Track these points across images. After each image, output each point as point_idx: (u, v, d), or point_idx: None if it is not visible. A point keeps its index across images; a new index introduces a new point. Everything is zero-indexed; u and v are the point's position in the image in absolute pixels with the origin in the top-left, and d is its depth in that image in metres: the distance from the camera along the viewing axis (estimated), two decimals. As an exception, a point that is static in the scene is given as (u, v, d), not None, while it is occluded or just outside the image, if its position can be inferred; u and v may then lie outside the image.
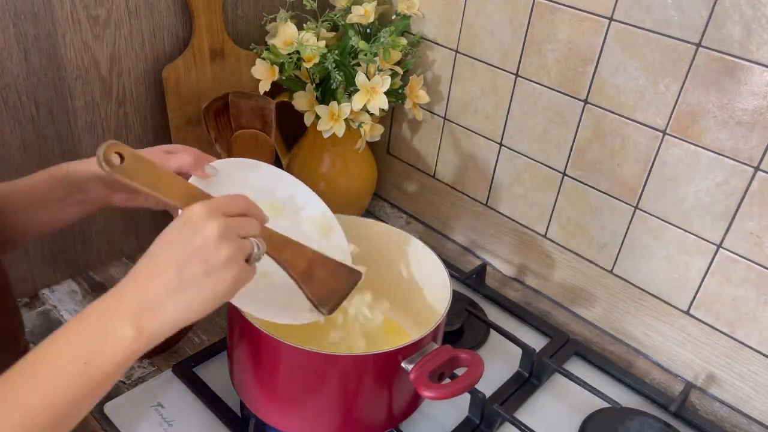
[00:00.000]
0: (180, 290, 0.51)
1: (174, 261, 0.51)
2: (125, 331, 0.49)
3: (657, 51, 0.82)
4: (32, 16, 0.80)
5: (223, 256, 0.52)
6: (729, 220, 0.83)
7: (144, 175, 0.55)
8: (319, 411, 0.70)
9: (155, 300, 0.50)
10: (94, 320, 0.49)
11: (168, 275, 0.50)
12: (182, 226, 0.53)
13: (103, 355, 0.48)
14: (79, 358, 0.47)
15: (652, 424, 0.81)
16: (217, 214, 0.53)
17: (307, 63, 0.97)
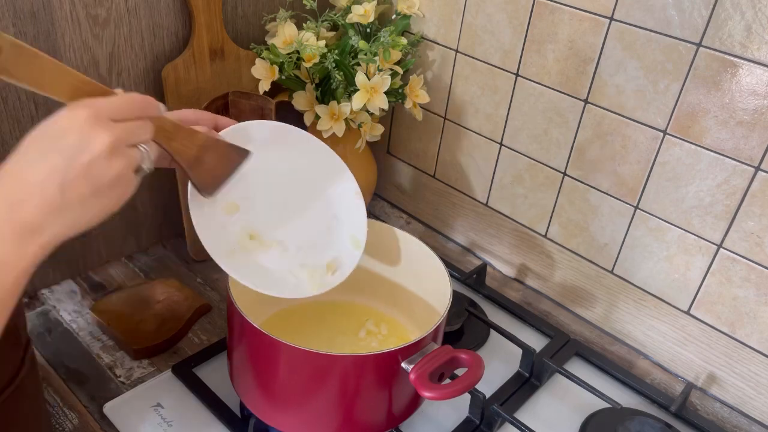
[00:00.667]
0: (63, 209, 0.46)
1: (57, 178, 0.45)
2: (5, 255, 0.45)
3: (657, 51, 0.82)
4: (31, 15, 0.80)
5: (113, 174, 0.48)
6: (729, 220, 0.83)
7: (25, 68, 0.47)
8: (319, 411, 0.70)
9: (35, 221, 0.46)
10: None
11: (49, 192, 0.45)
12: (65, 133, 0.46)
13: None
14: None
15: (652, 425, 0.81)
16: (107, 120, 0.48)
17: (306, 63, 0.96)
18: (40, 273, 0.94)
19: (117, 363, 0.86)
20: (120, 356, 0.87)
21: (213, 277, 1.02)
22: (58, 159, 0.46)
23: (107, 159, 0.47)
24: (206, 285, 1.01)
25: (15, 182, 0.46)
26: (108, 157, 0.47)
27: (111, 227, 1.00)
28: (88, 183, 0.47)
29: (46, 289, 0.96)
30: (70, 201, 0.46)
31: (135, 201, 1.01)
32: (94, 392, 0.81)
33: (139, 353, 0.86)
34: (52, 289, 0.97)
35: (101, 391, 0.82)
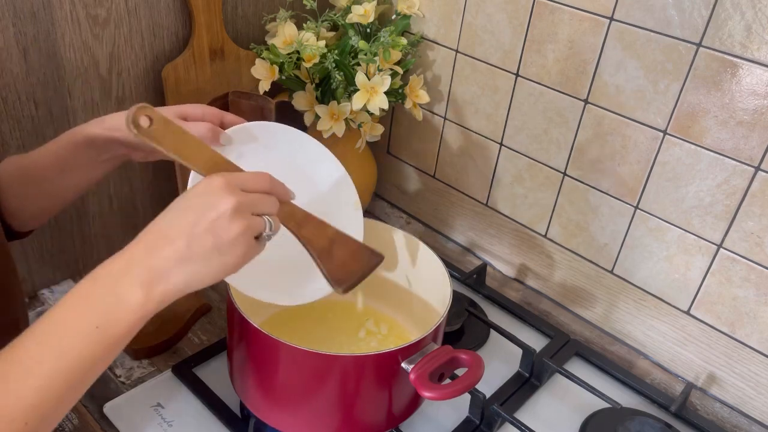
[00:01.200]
0: (188, 260, 0.51)
1: (186, 231, 0.51)
2: (135, 295, 0.49)
3: (657, 51, 0.82)
4: (31, 15, 0.80)
5: (234, 233, 0.52)
6: (729, 220, 0.83)
7: (171, 140, 0.54)
8: (319, 411, 0.70)
9: (164, 267, 0.50)
10: (105, 284, 0.50)
11: (179, 244, 0.51)
12: (200, 195, 0.53)
13: (115, 318, 0.48)
14: (91, 321, 0.48)
15: (652, 425, 0.81)
16: (236, 188, 0.54)
17: (307, 63, 0.96)
18: (40, 273, 0.95)
19: (117, 363, 0.86)
20: (120, 356, 0.87)
21: (213, 277, 1.02)
22: (190, 215, 0.52)
23: (230, 219, 0.52)
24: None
25: (154, 234, 0.52)
26: (231, 218, 0.52)
27: (110, 228, 1.00)
28: (212, 238, 0.52)
29: (46, 289, 0.96)
30: (195, 253, 0.51)
31: (135, 201, 1.01)
32: (94, 392, 0.81)
33: (139, 353, 0.86)
34: (52, 289, 0.97)
35: (101, 391, 0.82)
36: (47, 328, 0.47)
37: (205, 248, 0.51)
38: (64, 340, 0.47)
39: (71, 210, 0.94)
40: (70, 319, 0.48)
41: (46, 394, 0.45)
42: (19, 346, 0.46)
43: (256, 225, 0.55)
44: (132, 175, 0.99)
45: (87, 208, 0.96)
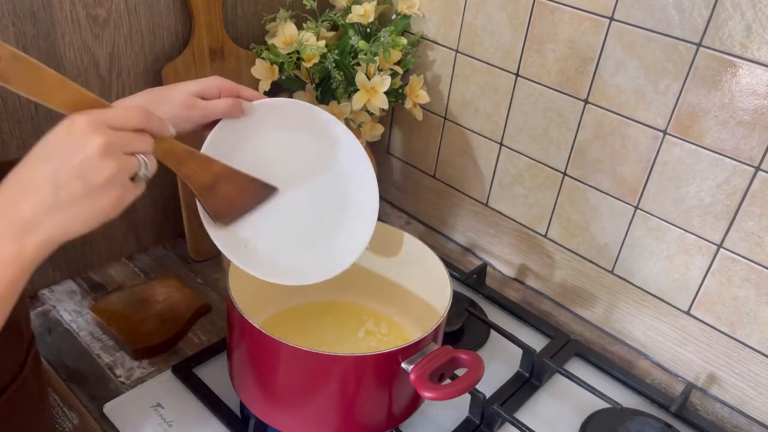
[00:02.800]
0: (57, 209, 0.48)
1: (50, 177, 0.47)
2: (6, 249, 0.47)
3: (657, 51, 0.82)
4: (31, 15, 0.80)
5: (105, 176, 0.49)
6: (729, 220, 0.83)
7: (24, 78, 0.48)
8: (319, 411, 0.70)
9: (31, 218, 0.47)
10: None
11: (43, 192, 0.47)
12: (63, 136, 0.49)
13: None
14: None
15: (652, 425, 0.81)
16: (103, 127, 0.50)
17: (307, 63, 0.96)
18: (40, 273, 0.94)
19: (117, 363, 0.86)
20: (120, 356, 0.87)
21: (213, 277, 1.02)
22: (53, 161, 0.48)
23: (99, 160, 0.48)
24: (206, 285, 1.01)
25: (15, 184, 0.48)
26: (100, 159, 0.48)
27: (111, 227, 1.00)
28: (80, 183, 0.48)
29: (46, 289, 0.96)
30: (63, 200, 0.48)
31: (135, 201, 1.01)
32: (94, 392, 0.81)
33: (139, 353, 0.86)
34: (52, 289, 0.97)
35: (101, 391, 0.82)
36: None
37: (74, 194, 0.48)
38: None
39: (71, 210, 0.94)
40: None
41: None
42: None
43: (130, 165, 0.51)
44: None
45: (87, 208, 0.96)
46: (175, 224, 1.06)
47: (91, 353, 0.87)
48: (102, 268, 1.02)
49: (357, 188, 0.75)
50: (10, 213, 0.47)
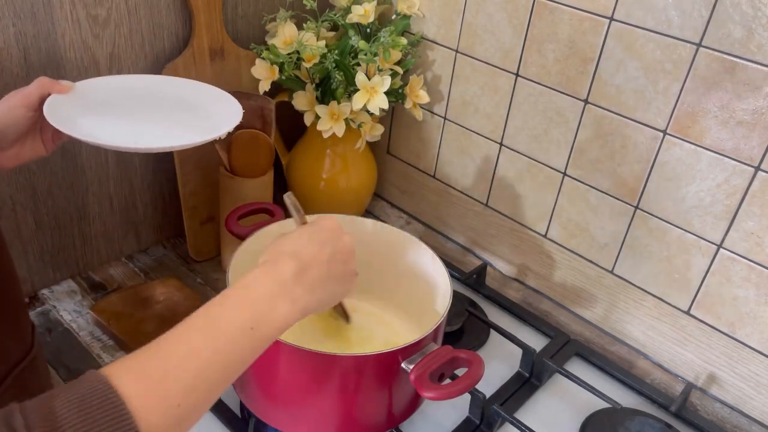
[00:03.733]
0: (326, 281, 0.59)
1: (326, 257, 0.60)
2: (285, 306, 0.55)
3: (657, 51, 0.82)
4: (32, 15, 0.80)
5: (353, 264, 0.63)
6: (729, 220, 0.83)
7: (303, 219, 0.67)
8: (319, 411, 0.70)
9: (310, 285, 0.58)
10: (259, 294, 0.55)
11: (322, 267, 0.59)
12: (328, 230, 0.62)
13: (266, 323, 0.54)
14: (247, 322, 0.53)
15: (652, 425, 0.81)
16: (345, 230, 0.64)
17: (307, 63, 0.96)
18: (40, 273, 0.95)
19: (117, 363, 0.86)
20: (120, 356, 0.86)
21: (213, 277, 1.02)
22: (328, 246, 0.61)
23: (351, 252, 0.63)
24: (206, 285, 1.01)
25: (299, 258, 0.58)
26: (352, 252, 0.63)
27: (111, 227, 1.00)
28: (343, 267, 0.62)
29: (46, 289, 0.96)
30: (331, 275, 0.60)
31: (135, 201, 1.01)
32: (94, 392, 0.81)
33: (139, 353, 0.86)
34: (52, 289, 0.97)
35: (101, 391, 0.81)
36: (205, 321, 0.52)
37: (337, 274, 0.61)
38: (222, 334, 0.51)
39: (71, 210, 0.94)
40: (227, 318, 0.53)
41: (202, 380, 0.48)
42: (179, 335, 0.50)
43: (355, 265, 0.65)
44: (132, 175, 0.99)
45: (87, 208, 0.96)
46: (175, 224, 1.06)
47: (91, 353, 0.87)
48: (102, 268, 1.02)
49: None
50: (298, 279, 0.57)
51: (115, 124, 0.74)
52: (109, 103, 0.78)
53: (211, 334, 0.51)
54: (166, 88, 0.83)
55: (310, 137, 1.07)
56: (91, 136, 0.68)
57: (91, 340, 0.89)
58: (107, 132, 0.71)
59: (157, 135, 0.73)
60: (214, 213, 1.03)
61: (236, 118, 0.77)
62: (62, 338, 0.89)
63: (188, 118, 0.79)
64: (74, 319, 0.92)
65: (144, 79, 0.85)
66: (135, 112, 0.78)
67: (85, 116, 0.73)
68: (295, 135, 1.11)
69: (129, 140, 0.70)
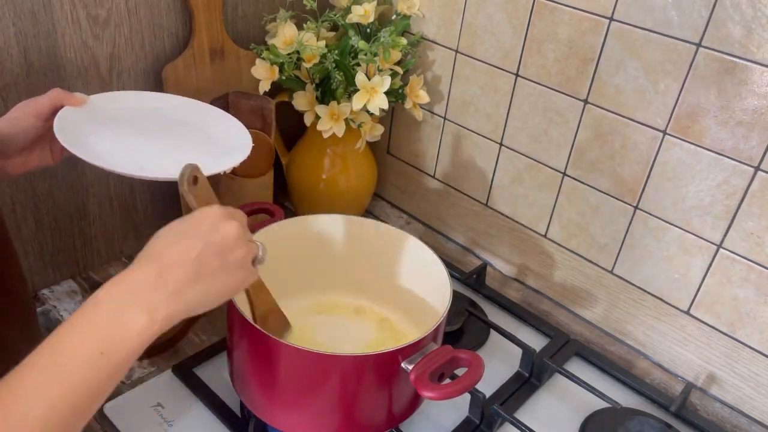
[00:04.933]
0: (196, 281, 0.53)
1: (193, 252, 0.53)
2: (140, 319, 0.50)
3: (657, 51, 0.82)
4: (32, 15, 0.80)
5: (238, 255, 0.56)
6: (729, 220, 0.83)
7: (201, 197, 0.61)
8: (319, 411, 0.70)
9: (172, 289, 0.52)
10: (109, 309, 0.50)
11: (187, 266, 0.53)
12: (202, 221, 0.56)
13: (119, 344, 0.49)
14: (95, 348, 0.48)
15: (652, 425, 0.81)
16: (232, 216, 0.57)
17: (307, 63, 0.96)
18: (40, 273, 0.95)
19: (117, 363, 0.86)
20: (120, 356, 0.87)
21: (213, 277, 1.02)
22: (194, 239, 0.54)
23: (234, 242, 0.56)
24: (206, 285, 1.01)
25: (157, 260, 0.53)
26: (235, 241, 0.56)
27: (110, 228, 1.00)
28: (219, 260, 0.54)
29: (46, 289, 0.96)
30: (204, 274, 0.53)
31: (135, 201, 1.01)
32: (95, 392, 0.81)
33: (139, 353, 0.86)
34: (52, 289, 0.97)
35: (101, 391, 0.82)
36: (49, 356, 0.47)
37: (213, 270, 0.54)
38: (67, 368, 0.47)
39: (71, 210, 0.94)
40: (73, 347, 0.48)
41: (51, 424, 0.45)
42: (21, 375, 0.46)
43: (253, 248, 0.58)
44: (132, 175, 0.99)
45: (87, 208, 0.96)
46: (175, 224, 1.06)
47: (92, 353, 0.87)
48: (102, 268, 1.02)
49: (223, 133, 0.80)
50: (155, 284, 0.51)
51: (123, 145, 0.73)
52: (121, 121, 0.77)
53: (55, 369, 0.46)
54: (180, 110, 0.82)
55: (310, 137, 1.08)
56: (97, 158, 0.67)
57: (91, 340, 0.89)
58: (114, 154, 0.70)
59: (162, 163, 0.71)
60: (214, 213, 1.03)
61: (243, 153, 0.75)
62: (62, 338, 0.89)
63: (196, 145, 0.77)
64: (74, 319, 0.92)
65: (159, 99, 0.84)
66: (145, 134, 0.76)
67: (94, 134, 0.72)
68: (295, 135, 1.11)
69: (135, 166, 0.69)
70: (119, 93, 0.85)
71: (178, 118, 0.81)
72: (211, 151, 0.76)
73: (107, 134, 0.74)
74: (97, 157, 0.67)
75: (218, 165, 0.72)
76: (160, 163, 0.71)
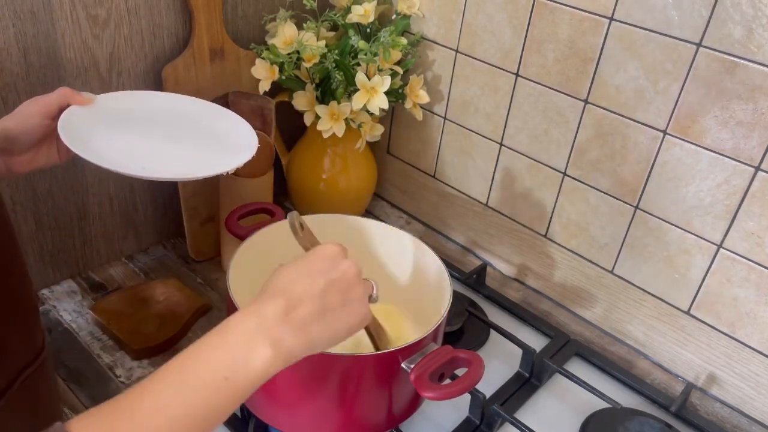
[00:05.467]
0: (321, 318, 0.54)
1: (318, 289, 0.54)
2: (266, 352, 0.51)
3: (657, 51, 0.82)
4: (31, 15, 0.80)
5: (358, 292, 0.57)
6: (729, 220, 0.83)
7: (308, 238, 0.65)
8: (319, 411, 0.70)
9: (298, 324, 0.52)
10: (237, 338, 0.51)
11: (313, 302, 0.53)
12: (322, 259, 0.57)
13: (244, 372, 0.50)
14: (220, 373, 0.49)
15: (652, 425, 0.81)
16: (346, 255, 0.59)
17: (307, 63, 0.96)
18: (40, 273, 0.95)
19: (117, 363, 0.86)
20: (120, 356, 0.87)
21: (213, 277, 1.02)
22: (317, 277, 0.55)
23: (354, 279, 0.57)
24: (206, 285, 1.01)
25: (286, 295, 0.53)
26: (354, 278, 0.57)
27: (111, 227, 1.00)
28: (341, 296, 0.55)
29: (46, 289, 0.96)
30: (327, 310, 0.54)
31: (135, 201, 1.01)
32: (94, 392, 0.81)
33: (139, 353, 0.86)
34: (52, 289, 0.97)
35: (101, 391, 0.82)
36: (177, 374, 0.48)
37: (334, 306, 0.55)
38: (192, 388, 0.48)
39: (71, 210, 0.94)
40: (199, 368, 0.49)
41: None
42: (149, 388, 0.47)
43: (368, 286, 0.59)
44: (132, 175, 0.99)
45: (87, 208, 0.96)
46: (175, 224, 1.06)
47: (91, 353, 0.87)
48: (102, 268, 1.02)
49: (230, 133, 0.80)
50: (283, 319, 0.52)
51: (127, 145, 0.73)
52: (127, 120, 0.77)
53: (181, 387, 0.48)
54: (185, 109, 0.82)
55: (310, 137, 1.07)
56: (100, 159, 0.67)
57: (91, 340, 0.89)
58: (118, 154, 0.70)
59: (165, 163, 0.72)
60: (214, 213, 1.03)
61: (249, 153, 0.75)
62: (62, 338, 0.89)
63: (202, 145, 0.77)
64: (74, 319, 0.92)
65: (165, 98, 0.83)
66: (149, 134, 0.76)
67: (98, 134, 0.72)
68: (295, 135, 1.11)
69: (137, 167, 0.69)
70: (126, 93, 0.85)
71: (184, 117, 0.81)
72: (216, 151, 0.76)
73: (112, 134, 0.73)
74: (100, 157, 0.67)
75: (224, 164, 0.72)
76: (164, 163, 0.71)
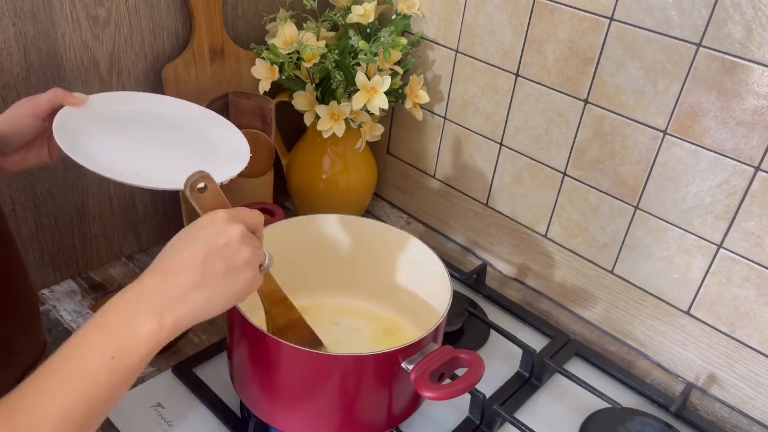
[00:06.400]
0: (202, 286, 0.53)
1: (198, 258, 0.53)
2: (148, 324, 0.50)
3: (657, 51, 0.82)
4: (31, 15, 0.80)
5: (243, 258, 0.55)
6: (729, 220, 0.83)
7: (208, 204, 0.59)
8: (319, 411, 0.70)
9: (178, 294, 0.52)
10: (118, 315, 0.51)
11: (192, 271, 0.53)
12: (206, 226, 0.56)
13: (129, 348, 0.50)
14: (106, 353, 0.48)
15: (652, 425, 0.81)
16: (239, 219, 0.57)
17: (307, 63, 0.96)
18: (40, 273, 0.95)
19: (117, 363, 0.86)
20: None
21: (213, 277, 1.02)
22: (199, 244, 0.54)
23: (239, 244, 0.55)
24: (206, 285, 1.01)
25: (165, 266, 0.53)
26: (239, 243, 0.55)
27: (111, 227, 1.00)
28: (224, 262, 0.54)
29: (46, 289, 0.96)
30: (208, 278, 0.53)
31: (135, 201, 1.01)
32: (94, 392, 0.81)
33: (139, 353, 0.86)
34: (52, 289, 0.97)
35: (101, 391, 0.82)
36: (63, 362, 0.48)
37: (217, 273, 0.54)
38: (80, 373, 0.48)
39: (71, 210, 0.94)
40: (85, 352, 0.49)
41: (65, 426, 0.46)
42: (36, 380, 0.47)
43: (260, 253, 0.58)
44: (132, 175, 0.99)
45: (87, 208, 0.96)
46: (175, 224, 1.06)
47: (91, 353, 0.87)
48: (102, 268, 1.02)
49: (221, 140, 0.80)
50: (161, 290, 0.52)
51: (121, 150, 0.72)
52: (120, 124, 0.76)
53: (67, 375, 0.47)
54: (179, 114, 0.81)
55: (310, 137, 1.07)
56: (93, 164, 0.67)
57: (91, 340, 0.89)
58: (111, 160, 0.69)
59: (158, 171, 0.71)
60: (214, 213, 1.03)
61: (240, 164, 0.74)
62: (62, 338, 0.88)
63: (194, 154, 0.76)
64: (74, 319, 0.92)
65: (159, 101, 0.83)
66: (143, 139, 0.76)
67: (92, 137, 0.71)
68: (295, 135, 1.11)
69: (131, 174, 0.68)
70: (119, 93, 0.85)
71: (178, 122, 0.80)
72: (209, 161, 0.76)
73: (105, 138, 0.73)
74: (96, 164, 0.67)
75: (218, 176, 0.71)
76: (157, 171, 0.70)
